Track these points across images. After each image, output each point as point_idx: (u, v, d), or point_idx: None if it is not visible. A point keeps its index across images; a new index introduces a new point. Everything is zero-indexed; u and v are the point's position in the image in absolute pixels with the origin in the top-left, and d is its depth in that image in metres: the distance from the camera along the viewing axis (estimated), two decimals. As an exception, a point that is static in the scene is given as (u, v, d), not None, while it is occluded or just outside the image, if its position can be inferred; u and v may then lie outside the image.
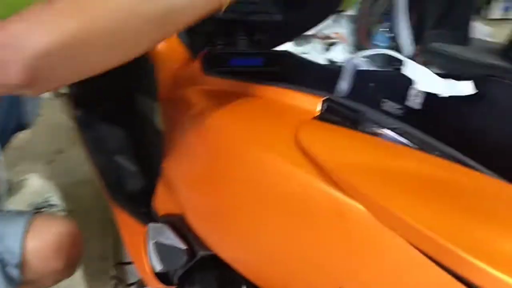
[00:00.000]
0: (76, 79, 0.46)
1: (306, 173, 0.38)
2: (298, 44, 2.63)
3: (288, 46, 1.12)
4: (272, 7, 0.91)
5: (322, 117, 0.47)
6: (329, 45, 2.73)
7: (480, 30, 2.96)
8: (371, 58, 0.69)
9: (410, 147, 0.39)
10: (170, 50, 1.03)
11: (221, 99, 0.63)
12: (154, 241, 0.75)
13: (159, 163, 0.87)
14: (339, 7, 0.98)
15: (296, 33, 1.05)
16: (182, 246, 0.67)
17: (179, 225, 0.72)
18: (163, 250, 0.73)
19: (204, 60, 0.81)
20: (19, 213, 0.92)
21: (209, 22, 0.83)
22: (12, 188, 1.52)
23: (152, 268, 0.77)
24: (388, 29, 2.48)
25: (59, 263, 0.87)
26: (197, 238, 0.66)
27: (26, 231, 0.82)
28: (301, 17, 0.96)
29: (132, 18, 0.43)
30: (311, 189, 0.37)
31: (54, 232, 0.87)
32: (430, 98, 0.68)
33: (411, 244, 0.30)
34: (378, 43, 2.49)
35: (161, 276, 0.77)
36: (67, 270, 0.91)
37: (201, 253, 0.66)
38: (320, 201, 0.36)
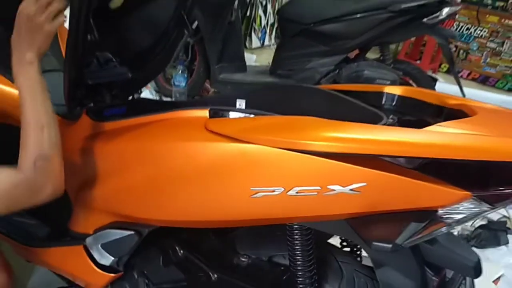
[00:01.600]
0: None
1: (221, 142, 0.78)
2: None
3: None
4: (122, 69, 1.26)
5: (213, 117, 0.88)
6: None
7: (248, 58, 3.72)
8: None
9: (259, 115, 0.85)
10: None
11: (132, 130, 0.98)
12: (99, 244, 1.04)
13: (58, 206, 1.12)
14: (170, 62, 1.39)
15: (142, 85, 1.41)
16: (130, 232, 0.99)
17: (118, 225, 1.03)
18: (111, 245, 1.03)
19: (90, 114, 1.12)
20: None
21: (81, 88, 1.15)
22: None
23: (101, 266, 1.06)
24: (181, 71, 2.96)
25: None
26: (139, 224, 0.98)
27: None
28: (144, 73, 1.34)
29: None
30: (228, 149, 0.78)
31: None
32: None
33: (280, 148, 0.73)
34: (178, 83, 2.93)
35: (108, 268, 1.07)
36: None
37: (147, 230, 0.99)
38: (234, 153, 0.77)
